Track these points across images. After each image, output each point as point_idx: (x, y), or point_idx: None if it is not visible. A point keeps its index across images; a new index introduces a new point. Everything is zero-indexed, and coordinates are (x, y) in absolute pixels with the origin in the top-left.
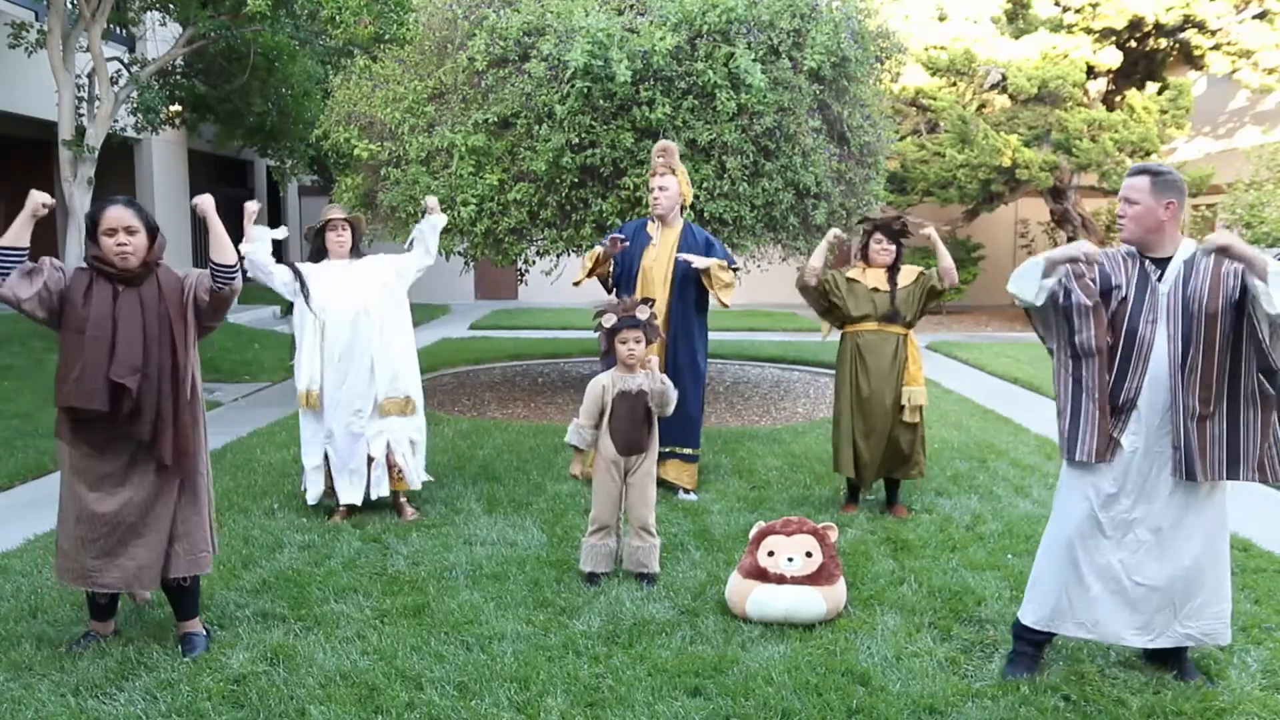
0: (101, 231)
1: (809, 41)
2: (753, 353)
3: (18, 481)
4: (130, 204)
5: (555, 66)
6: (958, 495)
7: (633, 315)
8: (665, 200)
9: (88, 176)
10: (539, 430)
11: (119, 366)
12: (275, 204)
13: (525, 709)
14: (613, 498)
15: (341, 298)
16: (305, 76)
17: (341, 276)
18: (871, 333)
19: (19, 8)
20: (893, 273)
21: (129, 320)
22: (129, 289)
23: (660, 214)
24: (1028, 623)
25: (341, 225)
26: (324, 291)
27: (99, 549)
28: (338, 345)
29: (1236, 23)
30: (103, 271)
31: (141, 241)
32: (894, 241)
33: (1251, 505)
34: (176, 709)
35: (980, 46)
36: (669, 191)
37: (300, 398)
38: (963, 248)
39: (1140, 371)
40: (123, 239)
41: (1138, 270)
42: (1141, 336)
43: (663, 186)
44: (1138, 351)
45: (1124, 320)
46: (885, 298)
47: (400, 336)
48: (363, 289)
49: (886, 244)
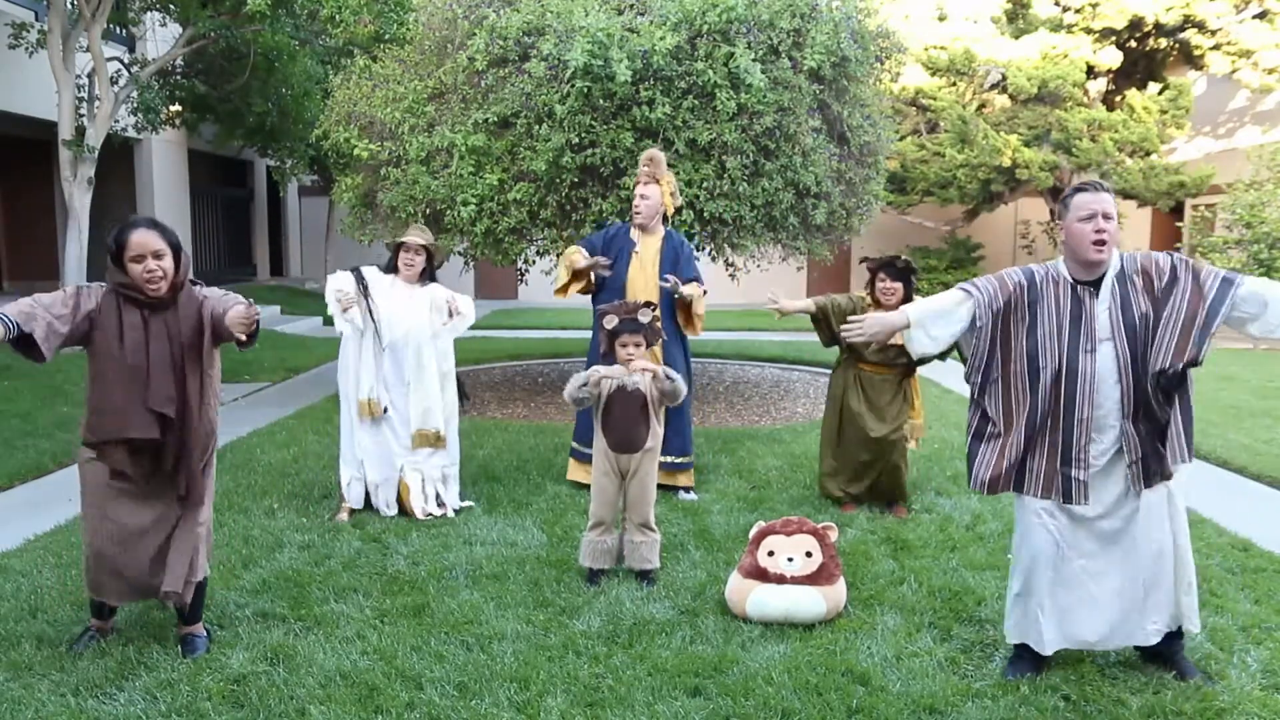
0: (129, 258)
1: (809, 41)
2: (753, 353)
3: (18, 481)
4: (154, 225)
5: (555, 66)
6: (958, 495)
7: (634, 319)
8: (646, 209)
9: (88, 176)
10: (539, 430)
11: (155, 396)
12: (275, 204)
13: (525, 709)
14: (610, 495)
15: (397, 319)
16: (305, 76)
17: (404, 298)
18: (876, 375)
19: (19, 8)
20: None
21: (160, 348)
22: (155, 314)
23: (640, 223)
24: (1012, 642)
25: (415, 250)
26: (386, 306)
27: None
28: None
29: (1236, 23)
30: (131, 298)
31: (169, 265)
32: (898, 279)
33: (1251, 505)
34: (176, 709)
35: (980, 46)
36: (650, 201)
37: (360, 406)
38: (963, 248)
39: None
40: (151, 265)
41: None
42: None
43: (644, 195)
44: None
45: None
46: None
47: (436, 370)
48: (416, 315)
49: (891, 283)
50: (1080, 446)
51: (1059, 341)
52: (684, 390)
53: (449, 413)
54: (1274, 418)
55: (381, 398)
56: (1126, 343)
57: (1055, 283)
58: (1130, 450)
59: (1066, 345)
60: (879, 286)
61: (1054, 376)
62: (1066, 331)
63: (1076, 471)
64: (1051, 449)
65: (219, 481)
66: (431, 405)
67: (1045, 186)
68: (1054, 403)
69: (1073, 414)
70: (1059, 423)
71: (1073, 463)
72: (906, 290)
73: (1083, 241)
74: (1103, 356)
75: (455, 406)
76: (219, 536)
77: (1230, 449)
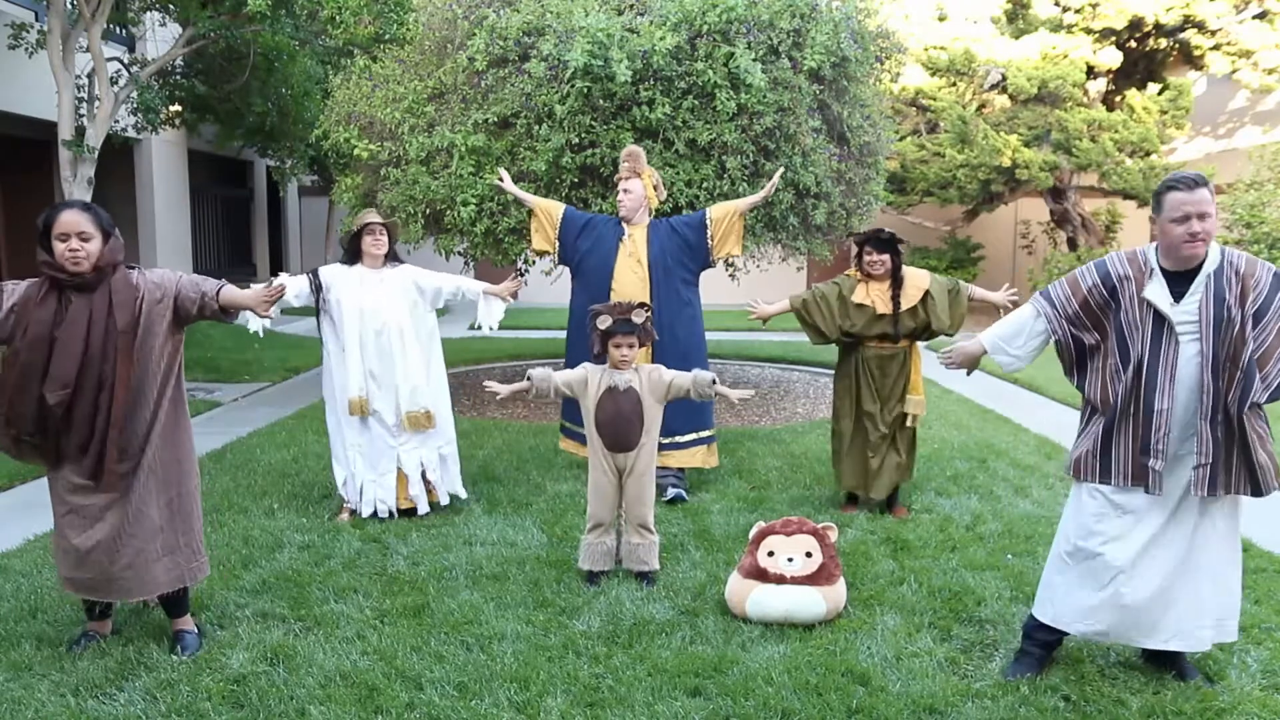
0: (55, 235)
1: (809, 41)
2: (753, 353)
3: (18, 481)
4: (87, 208)
5: (555, 66)
6: (958, 495)
7: (628, 319)
8: (629, 202)
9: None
10: (539, 430)
11: (51, 382)
12: (275, 204)
13: (525, 709)
14: (608, 495)
15: (373, 305)
16: (305, 76)
17: (374, 283)
18: (877, 351)
19: (19, 8)
20: (896, 287)
21: (71, 331)
22: (80, 296)
23: (624, 216)
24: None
25: (379, 230)
26: (356, 297)
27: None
28: (369, 353)
29: (1236, 23)
30: (54, 279)
31: (95, 247)
32: (884, 251)
33: (1251, 505)
34: (176, 709)
35: (980, 46)
36: (633, 195)
37: (351, 405)
38: (963, 248)
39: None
40: (75, 244)
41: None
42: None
43: (627, 190)
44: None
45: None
46: (888, 320)
47: (420, 349)
48: (391, 298)
49: (877, 255)
50: (1160, 437)
51: (1144, 331)
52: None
53: (437, 391)
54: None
55: (372, 394)
56: (1212, 341)
57: (1141, 267)
58: (1202, 452)
59: (1150, 334)
60: (865, 259)
61: (1137, 365)
62: (1151, 322)
63: (1154, 461)
64: (1133, 437)
65: (219, 481)
66: (418, 384)
67: (1045, 187)
68: (1134, 391)
69: (1152, 404)
70: (1139, 411)
71: (1150, 452)
72: (894, 261)
73: (1176, 243)
74: (1186, 351)
75: (445, 386)
76: (219, 536)
77: None
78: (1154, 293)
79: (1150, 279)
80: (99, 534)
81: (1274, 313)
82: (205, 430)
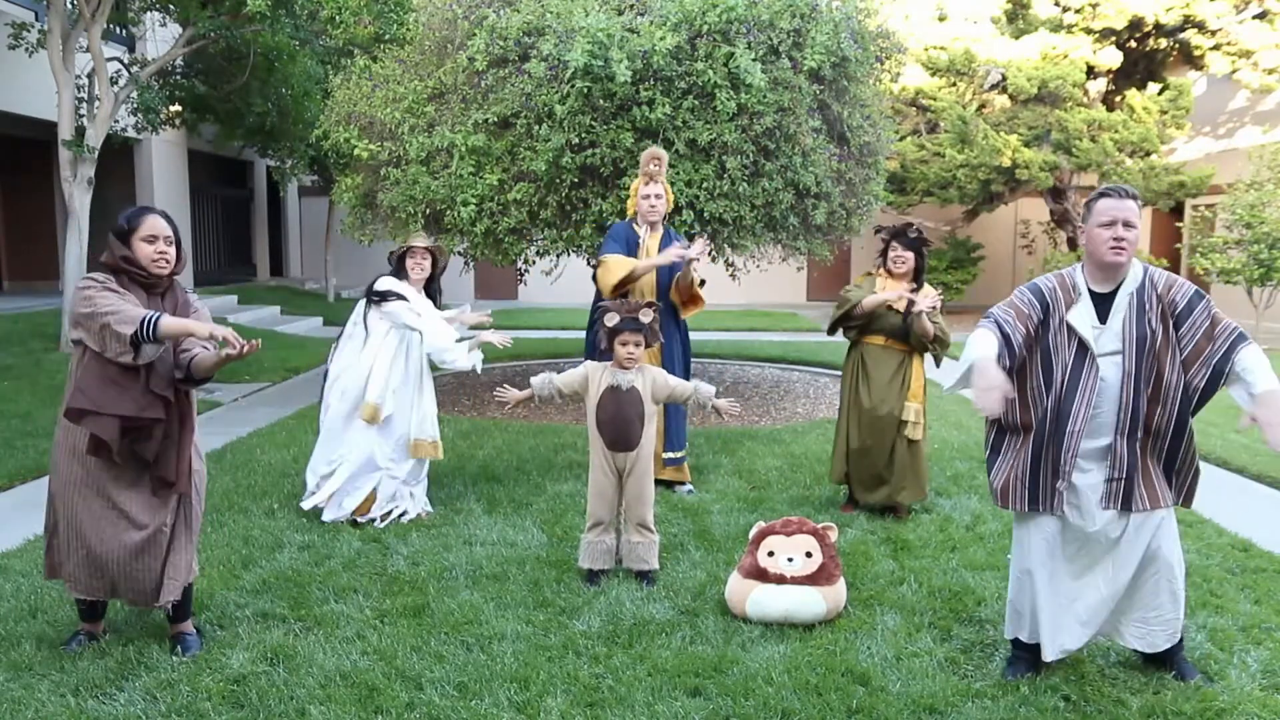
0: (140, 237)
1: (809, 41)
2: (753, 353)
3: (18, 481)
4: (167, 216)
5: (555, 66)
6: (958, 495)
7: (635, 318)
8: (660, 207)
9: (88, 176)
10: (539, 430)
11: (157, 379)
12: (275, 204)
13: (525, 709)
14: (608, 494)
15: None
16: (305, 76)
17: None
18: (878, 346)
19: (19, 8)
20: (917, 285)
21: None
22: (151, 297)
23: (653, 220)
24: (1008, 637)
25: (422, 253)
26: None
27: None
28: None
29: (1236, 23)
30: (133, 276)
31: (174, 254)
32: (910, 249)
33: (1251, 505)
34: (176, 709)
35: (980, 46)
36: (663, 199)
37: (366, 409)
38: (963, 248)
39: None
40: (163, 247)
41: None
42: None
43: (658, 194)
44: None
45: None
46: (898, 317)
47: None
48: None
49: (903, 252)
50: (1068, 458)
51: (1066, 354)
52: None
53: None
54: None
55: (387, 403)
56: (1135, 358)
57: (1069, 291)
58: (1115, 466)
59: (1073, 358)
60: (890, 256)
61: (1058, 388)
62: (1075, 346)
63: (1059, 482)
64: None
65: (219, 481)
66: (428, 411)
67: (1045, 187)
68: (1054, 413)
69: (1064, 427)
70: (1058, 433)
71: (1058, 474)
72: (918, 261)
73: (1101, 246)
74: (1107, 368)
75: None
76: (219, 536)
77: (1230, 449)
78: (1077, 317)
79: (1078, 301)
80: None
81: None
82: (205, 430)
